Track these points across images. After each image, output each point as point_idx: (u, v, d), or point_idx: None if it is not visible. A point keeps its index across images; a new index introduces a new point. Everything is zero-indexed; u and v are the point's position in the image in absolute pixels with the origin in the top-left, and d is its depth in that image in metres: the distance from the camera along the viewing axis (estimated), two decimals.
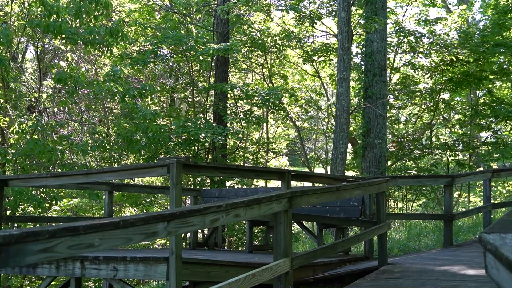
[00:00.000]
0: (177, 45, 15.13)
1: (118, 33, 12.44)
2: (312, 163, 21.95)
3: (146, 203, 15.84)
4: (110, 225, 3.25)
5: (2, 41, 10.93)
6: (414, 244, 10.04)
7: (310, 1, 18.34)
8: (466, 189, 20.18)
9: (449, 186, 9.56)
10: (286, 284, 5.19)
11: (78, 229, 3.04)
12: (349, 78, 13.64)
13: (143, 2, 18.21)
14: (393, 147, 18.40)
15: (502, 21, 17.07)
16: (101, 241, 3.20)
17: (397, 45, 17.97)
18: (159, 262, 5.97)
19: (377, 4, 14.75)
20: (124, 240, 3.38)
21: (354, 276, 6.92)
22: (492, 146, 17.81)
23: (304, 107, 20.54)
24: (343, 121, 13.00)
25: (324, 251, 6.24)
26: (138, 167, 6.59)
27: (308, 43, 19.28)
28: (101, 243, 3.20)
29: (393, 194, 18.56)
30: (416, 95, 18.85)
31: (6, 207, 11.26)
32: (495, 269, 2.62)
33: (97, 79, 14.36)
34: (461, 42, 17.13)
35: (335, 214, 9.21)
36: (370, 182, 7.42)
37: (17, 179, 8.44)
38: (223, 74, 16.82)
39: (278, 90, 16.46)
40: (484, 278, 5.32)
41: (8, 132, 13.52)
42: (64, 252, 3.01)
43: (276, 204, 4.93)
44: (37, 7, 12.14)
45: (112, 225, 3.26)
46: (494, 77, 18.08)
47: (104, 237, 3.21)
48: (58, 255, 3.01)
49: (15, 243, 2.70)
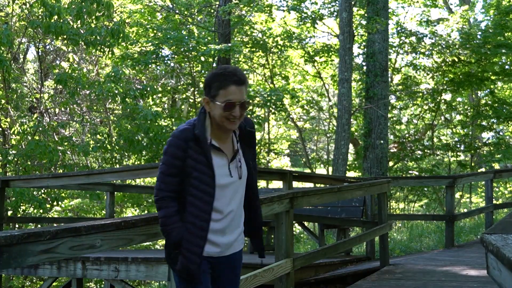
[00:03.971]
0: (179, 45, 15.12)
1: (119, 34, 12.44)
2: (314, 164, 21.94)
3: (148, 204, 15.84)
4: (111, 226, 3.25)
5: (4, 41, 10.93)
6: (415, 245, 10.04)
7: (312, 2, 18.33)
8: (467, 189, 20.17)
9: (451, 187, 9.55)
10: (288, 285, 5.19)
11: (80, 230, 3.04)
12: (350, 79, 13.63)
13: (145, 2, 18.21)
14: (395, 147, 18.39)
15: (504, 21, 17.05)
16: (103, 242, 3.20)
17: (398, 46, 17.95)
18: (161, 262, 5.97)
19: (379, 5, 14.74)
20: (126, 241, 3.38)
21: (356, 277, 6.92)
22: (493, 147, 17.80)
23: (305, 108, 20.52)
24: (344, 122, 12.99)
25: (326, 252, 6.23)
26: (140, 168, 6.60)
27: (309, 43, 19.28)
28: (102, 244, 3.20)
29: (395, 195, 18.55)
30: (417, 95, 18.83)
31: (7, 208, 11.26)
32: (497, 270, 2.62)
33: (98, 80, 14.37)
34: (462, 43, 17.11)
35: (337, 214, 9.20)
36: (371, 183, 7.41)
37: (18, 180, 8.45)
38: None
39: (279, 90, 16.45)
40: (486, 278, 5.31)
41: (10, 133, 13.54)
42: (65, 253, 3.01)
43: (277, 204, 4.92)
44: (38, 8, 12.15)
45: (113, 226, 3.26)
46: (496, 77, 18.06)
47: (105, 238, 3.21)
48: (59, 256, 3.01)
49: (16, 244, 2.70)
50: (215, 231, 2.94)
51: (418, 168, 18.26)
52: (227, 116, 2.90)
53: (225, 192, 2.95)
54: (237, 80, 2.91)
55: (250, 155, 3.10)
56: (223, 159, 2.97)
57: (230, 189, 2.97)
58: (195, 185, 2.89)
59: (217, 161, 2.94)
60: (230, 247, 3.03)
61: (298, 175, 9.11)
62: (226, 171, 2.96)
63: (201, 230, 2.88)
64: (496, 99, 17.98)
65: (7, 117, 14.15)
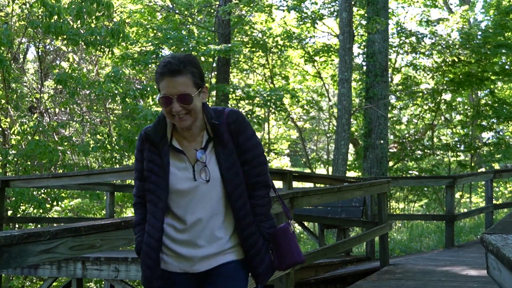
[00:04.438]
0: (179, 45, 15.12)
1: (119, 34, 12.43)
2: (314, 164, 21.94)
3: None
4: (111, 226, 3.25)
5: (3, 41, 10.93)
6: (415, 245, 10.04)
7: (312, 2, 18.33)
8: (467, 189, 20.18)
9: (451, 187, 9.55)
10: (288, 285, 5.19)
11: (80, 230, 3.04)
12: (350, 79, 13.63)
13: (145, 2, 18.21)
14: (395, 147, 18.39)
15: (504, 21, 17.06)
16: (103, 242, 3.20)
17: (398, 46, 17.96)
18: None
19: (379, 5, 14.74)
20: (126, 241, 3.38)
21: (356, 277, 6.92)
22: (493, 147, 17.81)
23: (305, 108, 20.53)
24: (344, 122, 12.99)
25: (326, 252, 6.23)
26: None
27: (309, 43, 19.28)
28: (102, 244, 3.20)
29: (395, 195, 18.55)
30: (417, 95, 18.83)
31: (7, 208, 11.26)
32: (497, 270, 2.61)
33: (98, 80, 14.36)
34: (462, 43, 17.11)
35: (337, 214, 9.20)
36: (371, 183, 7.41)
37: (18, 180, 8.45)
38: (225, 75, 16.82)
39: (279, 90, 16.45)
40: (486, 279, 5.30)
41: (10, 133, 13.53)
42: (65, 253, 3.01)
43: (277, 204, 4.91)
44: (38, 8, 12.14)
45: (113, 226, 3.26)
46: (496, 77, 18.06)
47: (105, 238, 3.21)
48: (59, 256, 3.01)
49: (16, 244, 2.70)
50: (181, 243, 2.55)
51: (418, 168, 18.26)
52: (170, 113, 2.51)
53: (188, 198, 2.55)
54: (169, 69, 2.47)
55: (227, 154, 2.58)
56: (184, 161, 2.58)
57: (194, 195, 2.55)
58: (151, 190, 2.58)
59: (177, 163, 2.58)
60: (211, 260, 2.56)
61: (298, 175, 9.11)
62: (188, 175, 2.55)
63: (154, 241, 2.56)
64: (496, 99, 17.99)
65: (7, 117, 14.14)
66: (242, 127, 2.63)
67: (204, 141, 2.60)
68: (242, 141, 2.62)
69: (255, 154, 2.64)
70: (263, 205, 2.65)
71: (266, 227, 2.64)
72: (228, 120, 2.61)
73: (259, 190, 2.64)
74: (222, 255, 2.58)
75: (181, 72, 2.48)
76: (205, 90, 2.61)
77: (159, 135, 2.60)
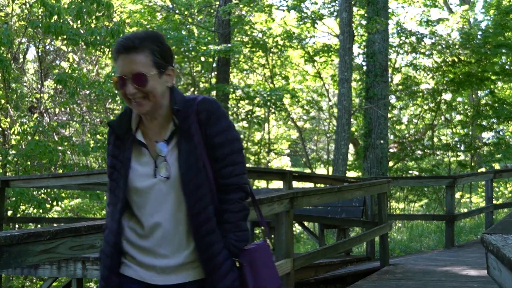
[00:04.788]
0: (179, 45, 15.13)
1: (119, 34, 12.43)
2: (314, 164, 21.94)
3: None
4: None
5: (3, 41, 10.93)
6: (415, 245, 10.04)
7: (312, 2, 18.34)
8: (468, 189, 20.17)
9: (451, 187, 9.55)
10: (288, 285, 5.18)
11: (80, 230, 3.04)
12: (350, 79, 13.63)
13: (145, 3, 18.21)
14: (395, 147, 18.40)
15: (504, 21, 17.06)
16: (103, 242, 3.20)
17: (398, 46, 17.96)
18: None
19: (379, 5, 14.74)
20: None
21: (356, 277, 6.91)
22: (494, 147, 17.81)
23: (305, 108, 20.54)
24: (344, 122, 12.99)
25: (326, 252, 6.23)
26: None
27: (309, 43, 19.28)
28: (102, 244, 3.20)
29: (395, 195, 18.55)
30: (417, 95, 18.83)
31: (7, 208, 11.25)
32: (497, 270, 2.61)
33: (98, 80, 14.36)
34: (462, 43, 17.12)
35: (337, 214, 9.20)
36: (371, 183, 7.41)
37: (18, 180, 8.45)
38: (225, 75, 16.82)
39: (279, 90, 16.46)
40: (486, 279, 5.30)
41: (10, 133, 13.53)
42: (65, 253, 3.01)
43: (277, 204, 4.92)
44: (38, 8, 12.14)
45: None
46: (496, 77, 18.07)
47: None
48: (59, 256, 3.01)
49: (16, 244, 2.70)
50: (142, 250, 2.21)
51: (418, 168, 18.26)
52: (125, 96, 2.18)
53: (146, 197, 2.21)
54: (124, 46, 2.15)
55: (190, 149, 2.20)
56: (146, 155, 2.24)
57: (152, 194, 2.19)
58: (112, 188, 2.29)
59: (139, 158, 2.25)
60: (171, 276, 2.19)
61: (298, 175, 9.11)
62: (149, 171, 2.21)
63: (109, 246, 2.26)
64: (496, 99, 17.99)
65: (7, 117, 14.14)
66: (215, 117, 2.24)
67: (169, 132, 2.24)
68: (213, 134, 2.23)
69: (229, 150, 2.25)
70: (234, 212, 2.23)
71: (234, 239, 2.22)
72: (198, 108, 2.23)
73: (231, 193, 2.24)
74: (184, 270, 2.19)
75: (137, 49, 2.14)
76: (171, 72, 2.24)
77: (123, 127, 2.29)
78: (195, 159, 2.19)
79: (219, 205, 2.23)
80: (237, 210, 2.24)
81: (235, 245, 2.22)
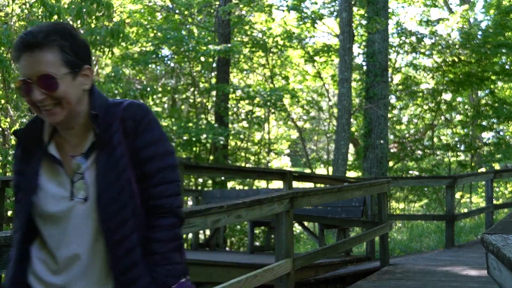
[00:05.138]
0: (179, 45, 15.14)
1: (119, 34, 12.44)
2: (314, 164, 21.94)
3: None
4: None
5: (3, 41, 10.94)
6: (415, 245, 10.04)
7: (312, 2, 18.34)
8: (468, 189, 20.16)
9: (451, 187, 9.55)
10: (288, 285, 5.18)
11: None
12: (350, 79, 13.63)
13: (145, 2, 18.21)
14: (395, 147, 18.39)
15: (504, 21, 17.05)
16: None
17: (398, 46, 17.96)
18: None
19: (379, 5, 14.74)
20: None
21: (356, 277, 6.91)
22: (494, 147, 17.80)
23: (305, 108, 20.54)
24: (344, 122, 12.99)
25: (326, 252, 6.23)
26: None
27: (309, 43, 19.28)
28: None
29: (395, 195, 18.55)
30: (417, 95, 18.84)
31: (7, 208, 11.26)
32: (497, 270, 2.61)
33: (98, 80, 14.37)
34: (462, 43, 17.12)
35: (337, 214, 9.21)
36: (371, 183, 7.41)
37: None
38: (225, 75, 16.83)
39: (279, 90, 16.46)
40: (486, 279, 5.30)
41: (10, 133, 13.53)
42: None
43: (277, 205, 4.92)
44: (38, 8, 12.15)
45: None
46: (496, 77, 18.06)
47: None
48: None
49: None
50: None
51: (418, 168, 18.26)
52: (32, 104, 1.77)
53: (62, 224, 1.79)
54: (26, 43, 1.74)
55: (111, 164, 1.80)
56: (61, 173, 1.83)
57: (69, 219, 1.79)
58: (17, 212, 1.91)
59: (51, 175, 1.84)
60: None
61: (298, 175, 9.12)
62: (63, 192, 1.80)
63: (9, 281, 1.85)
64: (496, 99, 17.99)
65: (7, 117, 14.14)
66: (143, 125, 1.84)
67: (88, 144, 1.83)
68: (140, 146, 1.83)
69: (159, 166, 1.84)
70: (164, 241, 1.82)
71: (163, 274, 1.81)
72: (124, 114, 1.83)
73: (161, 218, 1.84)
74: None
75: (42, 45, 1.73)
76: (88, 72, 1.83)
77: (32, 138, 1.88)
78: (116, 176, 1.79)
79: (147, 232, 1.83)
80: (167, 239, 1.83)
81: (164, 281, 1.80)
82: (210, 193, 11.15)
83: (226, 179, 15.15)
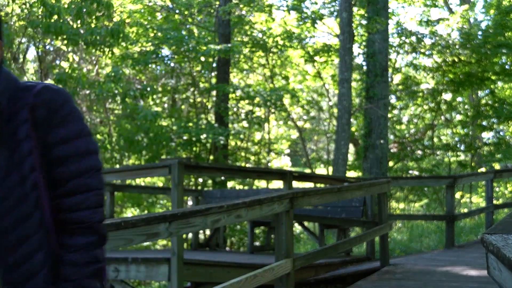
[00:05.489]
0: (179, 45, 15.13)
1: (119, 34, 12.44)
2: (314, 164, 21.94)
3: (148, 204, 15.83)
4: (111, 225, 3.24)
5: (3, 41, 10.94)
6: (416, 245, 10.04)
7: (312, 2, 18.34)
8: (468, 189, 20.16)
9: (451, 187, 9.55)
10: (288, 285, 5.18)
11: None
12: (350, 79, 13.63)
13: (145, 2, 18.21)
14: (395, 147, 18.40)
15: (504, 21, 17.05)
16: None
17: (398, 46, 17.96)
18: (161, 263, 5.97)
19: (379, 5, 14.74)
20: (126, 241, 3.38)
21: (356, 277, 6.91)
22: (494, 147, 17.80)
23: (305, 108, 20.54)
24: (344, 122, 12.99)
25: (326, 252, 6.23)
26: (140, 168, 6.61)
27: (309, 43, 19.27)
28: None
29: (395, 195, 18.55)
30: (417, 95, 18.84)
31: None
32: (497, 270, 2.61)
33: (98, 80, 14.38)
34: (463, 43, 17.12)
35: (337, 214, 9.20)
36: (371, 183, 7.41)
37: None
38: (225, 75, 16.82)
39: (279, 90, 16.46)
40: (487, 279, 5.30)
41: None
42: None
43: (277, 204, 4.92)
44: (38, 8, 12.15)
45: (113, 226, 3.25)
46: (496, 77, 18.06)
47: None
48: None
49: None
50: None
51: (418, 168, 18.26)
52: None
53: None
54: None
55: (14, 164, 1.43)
56: None
57: None
58: None
59: None
60: None
61: (298, 175, 9.12)
62: None
63: None
64: (496, 99, 17.99)
65: None
66: (60, 116, 1.47)
67: None
68: (54, 142, 1.46)
69: (77, 169, 1.48)
70: (78, 265, 1.46)
71: None
72: (35, 101, 1.46)
73: (75, 236, 1.47)
74: None
75: None
76: None
77: None
78: (19, 178, 1.42)
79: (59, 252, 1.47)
80: (83, 261, 1.46)
81: None
82: (210, 193, 11.15)
83: (226, 179, 15.15)
